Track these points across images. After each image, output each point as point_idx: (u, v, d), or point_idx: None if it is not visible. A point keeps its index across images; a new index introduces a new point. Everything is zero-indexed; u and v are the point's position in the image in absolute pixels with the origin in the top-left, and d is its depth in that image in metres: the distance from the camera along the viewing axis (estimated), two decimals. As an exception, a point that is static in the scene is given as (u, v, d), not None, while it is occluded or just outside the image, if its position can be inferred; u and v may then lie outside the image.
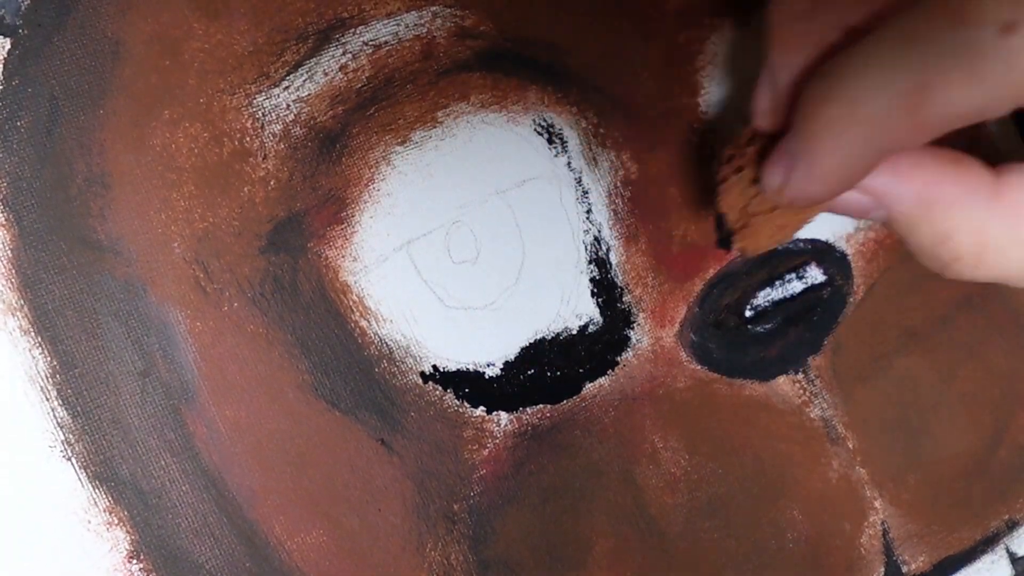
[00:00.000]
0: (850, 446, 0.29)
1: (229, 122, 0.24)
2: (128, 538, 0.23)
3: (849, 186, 0.20)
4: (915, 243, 0.21)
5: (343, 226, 0.25)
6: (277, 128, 0.24)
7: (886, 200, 0.20)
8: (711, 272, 0.28)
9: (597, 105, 0.27)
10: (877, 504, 0.29)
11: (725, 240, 0.23)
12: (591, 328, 0.27)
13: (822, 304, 0.29)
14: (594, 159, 0.27)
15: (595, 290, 0.27)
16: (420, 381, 0.25)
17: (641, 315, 0.27)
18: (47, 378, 0.23)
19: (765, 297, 0.28)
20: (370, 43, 0.25)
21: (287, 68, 0.24)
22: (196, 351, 0.24)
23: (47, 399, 0.23)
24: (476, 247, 0.26)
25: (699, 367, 0.28)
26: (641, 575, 0.27)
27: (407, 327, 0.25)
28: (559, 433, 0.27)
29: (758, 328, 0.28)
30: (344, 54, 0.25)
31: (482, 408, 0.26)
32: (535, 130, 0.26)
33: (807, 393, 0.29)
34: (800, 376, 0.29)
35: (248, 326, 0.24)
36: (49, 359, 0.23)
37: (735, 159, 0.22)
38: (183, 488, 0.24)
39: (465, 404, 0.26)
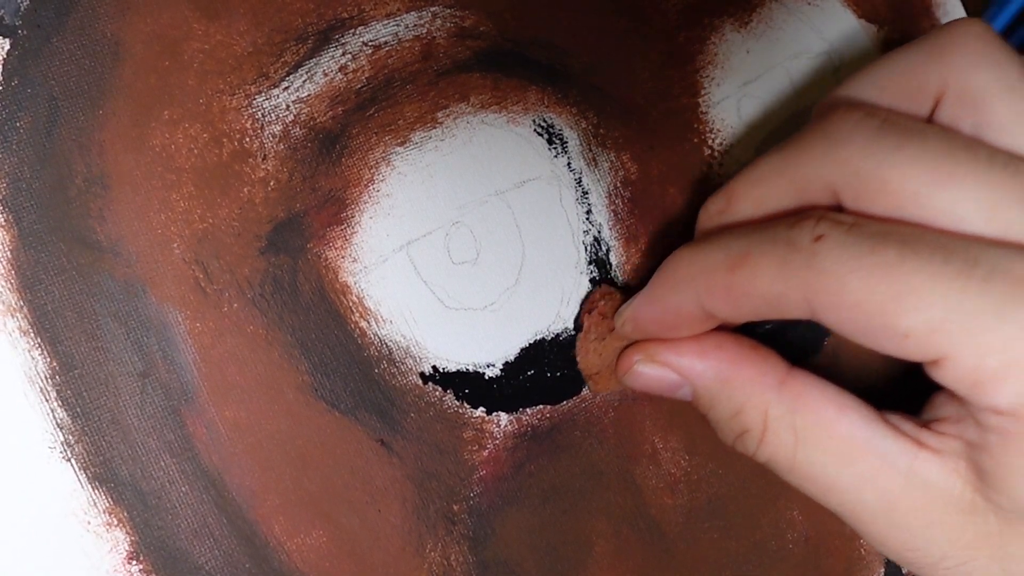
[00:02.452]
0: (850, 447, 0.29)
1: (229, 123, 0.24)
2: (128, 539, 0.23)
3: (668, 322, 0.24)
4: (712, 417, 0.24)
5: (343, 227, 0.25)
6: (277, 129, 0.24)
7: (690, 375, 0.24)
8: (711, 273, 0.28)
9: (597, 105, 0.27)
10: (877, 505, 0.29)
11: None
12: (591, 329, 0.27)
13: (822, 305, 0.29)
14: (594, 159, 0.27)
15: (595, 290, 0.27)
16: (420, 382, 0.25)
17: (641, 316, 0.27)
18: (46, 379, 0.23)
19: (765, 298, 0.28)
20: (370, 44, 0.25)
21: (287, 69, 0.24)
22: (196, 352, 0.24)
23: (46, 400, 0.23)
24: (476, 248, 0.26)
25: (699, 368, 0.28)
26: (641, 575, 0.27)
27: (407, 328, 0.25)
28: (559, 434, 0.27)
29: (757, 329, 0.28)
30: (344, 55, 0.25)
31: (482, 409, 0.26)
32: (535, 130, 0.26)
33: (807, 394, 0.29)
34: (800, 377, 0.29)
35: (248, 327, 0.24)
36: (48, 360, 0.23)
37: (590, 312, 0.27)
38: (183, 489, 0.24)
39: (465, 405, 0.26)
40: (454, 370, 0.26)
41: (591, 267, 0.27)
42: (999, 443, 0.19)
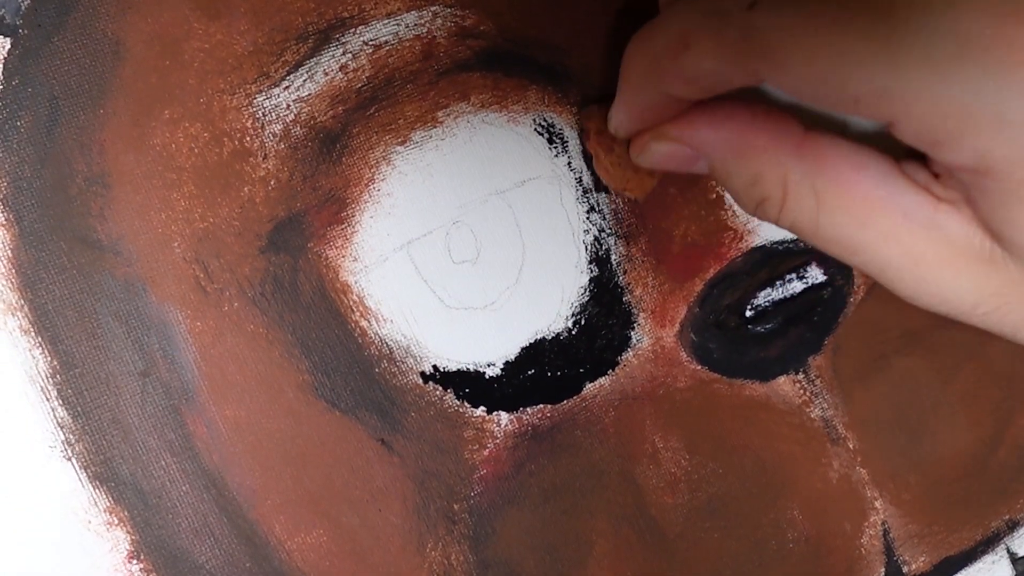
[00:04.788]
0: (850, 446, 0.29)
1: (229, 122, 0.24)
2: (128, 538, 0.23)
3: (648, 117, 0.23)
4: (731, 187, 0.23)
5: (343, 226, 0.25)
6: (277, 128, 0.24)
7: (704, 148, 0.23)
8: (711, 272, 0.28)
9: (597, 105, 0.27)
10: (877, 504, 0.29)
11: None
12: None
13: (822, 304, 0.29)
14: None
15: (595, 290, 0.27)
16: (420, 381, 0.25)
17: (641, 315, 0.27)
18: (47, 378, 0.23)
19: (765, 297, 0.28)
20: (370, 43, 0.25)
21: (287, 68, 0.24)
22: (196, 351, 0.24)
23: (47, 399, 0.23)
24: (476, 247, 0.26)
25: (699, 367, 0.28)
26: (641, 575, 0.27)
27: (407, 327, 0.25)
28: (559, 433, 0.27)
29: (758, 328, 0.28)
30: (344, 54, 0.25)
31: (482, 408, 0.26)
32: (535, 130, 0.26)
33: (807, 393, 0.29)
34: (800, 376, 0.29)
35: (248, 326, 0.24)
36: (49, 359, 0.23)
37: (589, 138, 0.27)
38: (183, 488, 0.24)
39: (465, 404, 0.26)
40: (454, 369, 0.26)
41: (591, 266, 0.27)
42: (982, 198, 0.19)
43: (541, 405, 0.26)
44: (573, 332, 0.27)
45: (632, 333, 0.27)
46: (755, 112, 0.22)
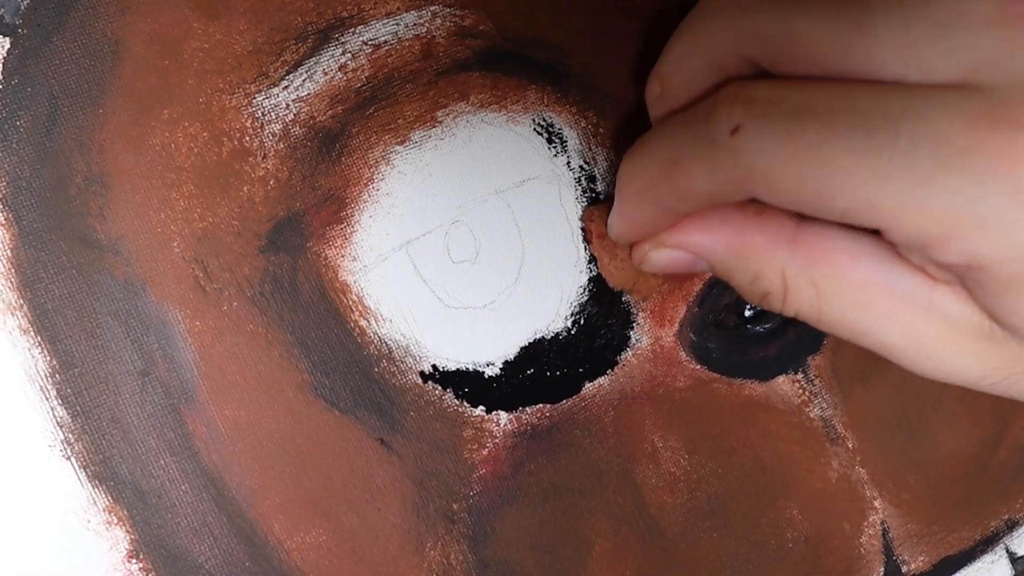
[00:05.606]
0: (850, 446, 0.29)
1: (228, 122, 0.24)
2: (127, 537, 0.23)
3: (646, 228, 0.24)
4: (735, 285, 0.24)
5: (342, 225, 0.25)
6: (276, 128, 0.24)
7: (703, 253, 0.23)
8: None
9: (597, 105, 0.27)
10: (877, 504, 0.29)
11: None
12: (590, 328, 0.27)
13: (822, 304, 0.29)
14: (594, 159, 0.27)
15: (595, 289, 0.27)
16: (419, 381, 0.25)
17: (641, 315, 0.27)
18: (46, 377, 0.23)
19: (765, 297, 0.28)
20: (369, 43, 0.25)
21: (286, 68, 0.24)
22: (195, 350, 0.24)
23: (46, 398, 0.23)
24: (475, 247, 0.26)
25: (699, 367, 0.28)
26: (640, 575, 0.27)
27: (406, 327, 0.25)
28: (558, 433, 0.27)
29: (758, 328, 0.28)
30: (343, 54, 0.25)
31: (481, 408, 0.26)
32: (535, 130, 0.26)
33: (807, 393, 0.29)
34: (800, 376, 0.29)
35: (247, 325, 0.24)
36: (48, 358, 0.23)
37: (591, 241, 0.27)
38: (182, 487, 0.24)
39: (464, 404, 0.26)
40: (454, 369, 0.26)
41: (591, 266, 0.27)
42: (976, 288, 0.19)
43: (540, 405, 0.27)
44: (572, 332, 0.27)
45: (631, 333, 0.27)
46: (747, 213, 0.23)
